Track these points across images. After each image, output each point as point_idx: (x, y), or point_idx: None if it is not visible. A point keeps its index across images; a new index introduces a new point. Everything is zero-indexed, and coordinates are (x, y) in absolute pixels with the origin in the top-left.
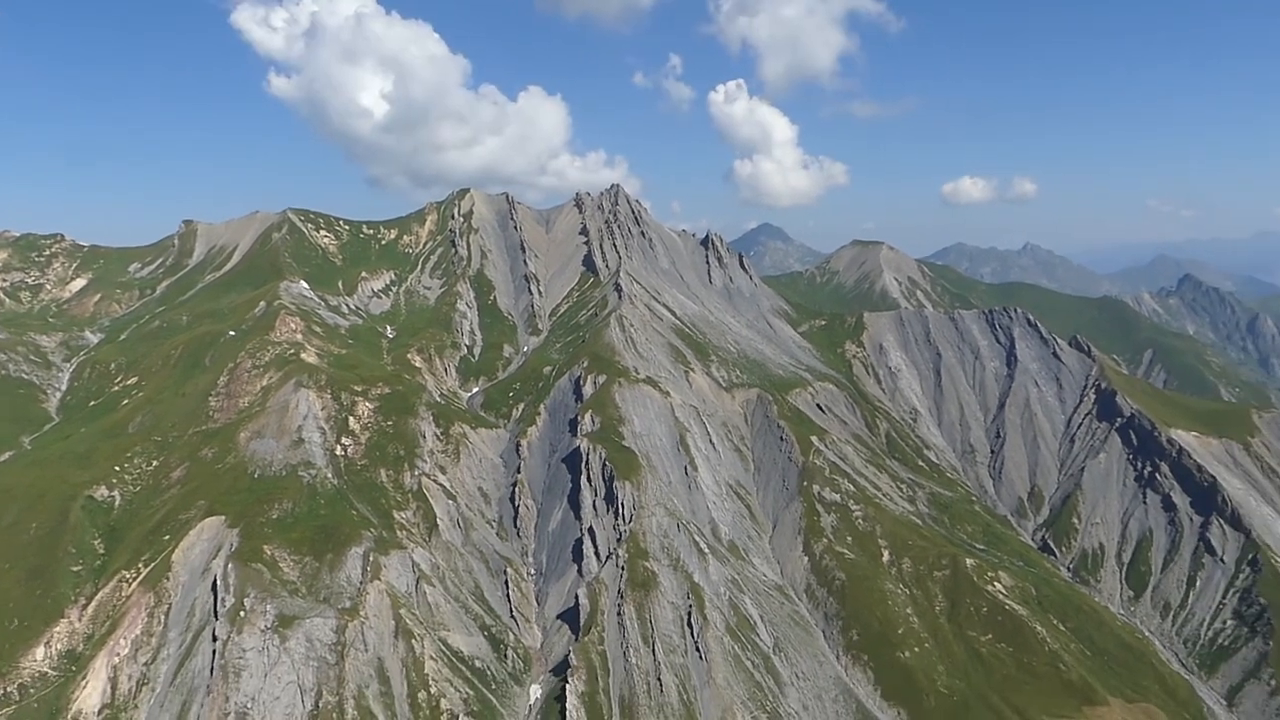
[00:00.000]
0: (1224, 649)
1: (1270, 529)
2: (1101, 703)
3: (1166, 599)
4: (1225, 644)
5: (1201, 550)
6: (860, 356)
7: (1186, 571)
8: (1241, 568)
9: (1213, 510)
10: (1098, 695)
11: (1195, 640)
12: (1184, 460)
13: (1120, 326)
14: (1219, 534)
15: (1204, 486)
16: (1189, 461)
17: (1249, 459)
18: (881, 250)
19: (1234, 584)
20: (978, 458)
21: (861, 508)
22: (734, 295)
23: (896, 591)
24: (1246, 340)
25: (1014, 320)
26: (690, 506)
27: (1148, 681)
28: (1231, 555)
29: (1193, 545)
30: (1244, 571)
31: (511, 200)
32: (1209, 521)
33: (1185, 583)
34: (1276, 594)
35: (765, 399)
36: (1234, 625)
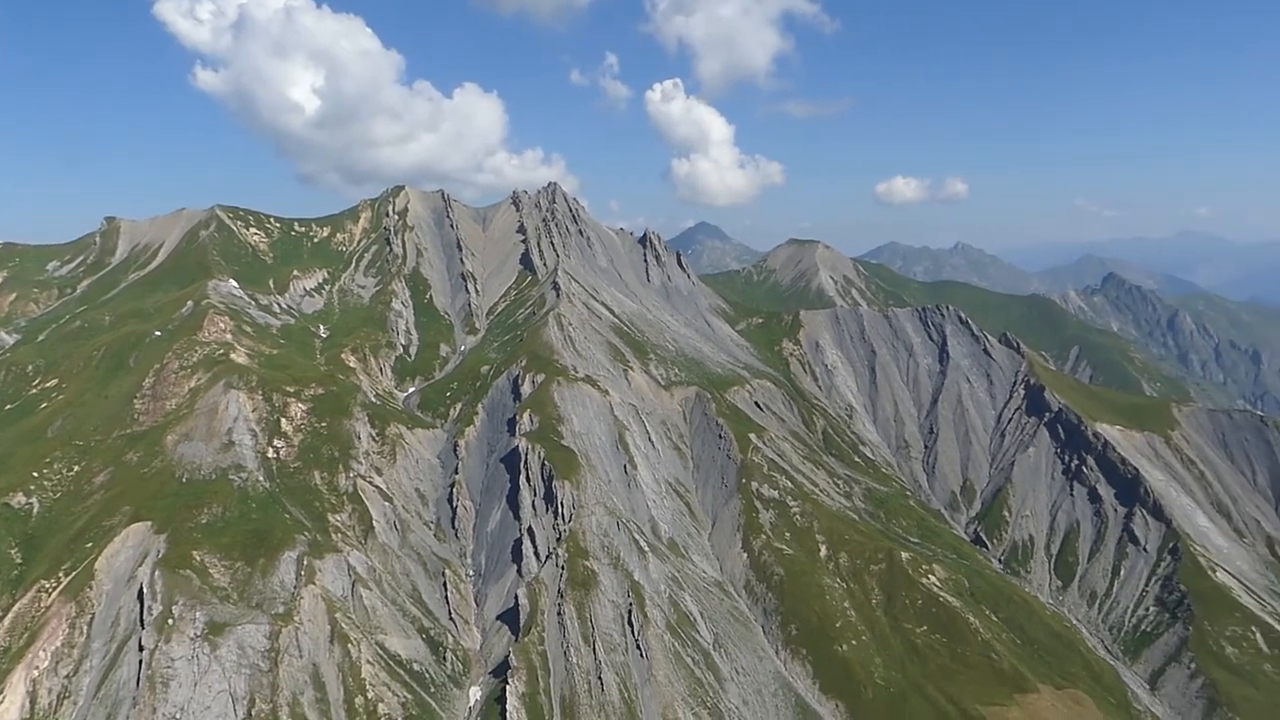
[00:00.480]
0: (1147, 635)
1: (1190, 519)
2: (1032, 690)
3: (1093, 588)
4: (1148, 630)
5: (1125, 540)
6: (797, 354)
7: (1111, 561)
8: (1163, 556)
9: (1136, 501)
10: (1028, 683)
11: (1120, 627)
12: (1109, 453)
13: (1048, 324)
14: (1142, 524)
15: (1128, 478)
16: (1114, 454)
17: (1169, 451)
18: (817, 249)
19: (1156, 572)
20: (912, 453)
21: (799, 504)
22: (672, 294)
23: (834, 586)
24: (1167, 337)
25: (946, 318)
26: (630, 505)
27: (1076, 668)
28: (1154, 544)
29: (1117, 535)
30: (1165, 560)
31: (448, 198)
32: (1132, 512)
33: (1110, 572)
34: (1195, 581)
35: (704, 397)
36: (1156, 612)
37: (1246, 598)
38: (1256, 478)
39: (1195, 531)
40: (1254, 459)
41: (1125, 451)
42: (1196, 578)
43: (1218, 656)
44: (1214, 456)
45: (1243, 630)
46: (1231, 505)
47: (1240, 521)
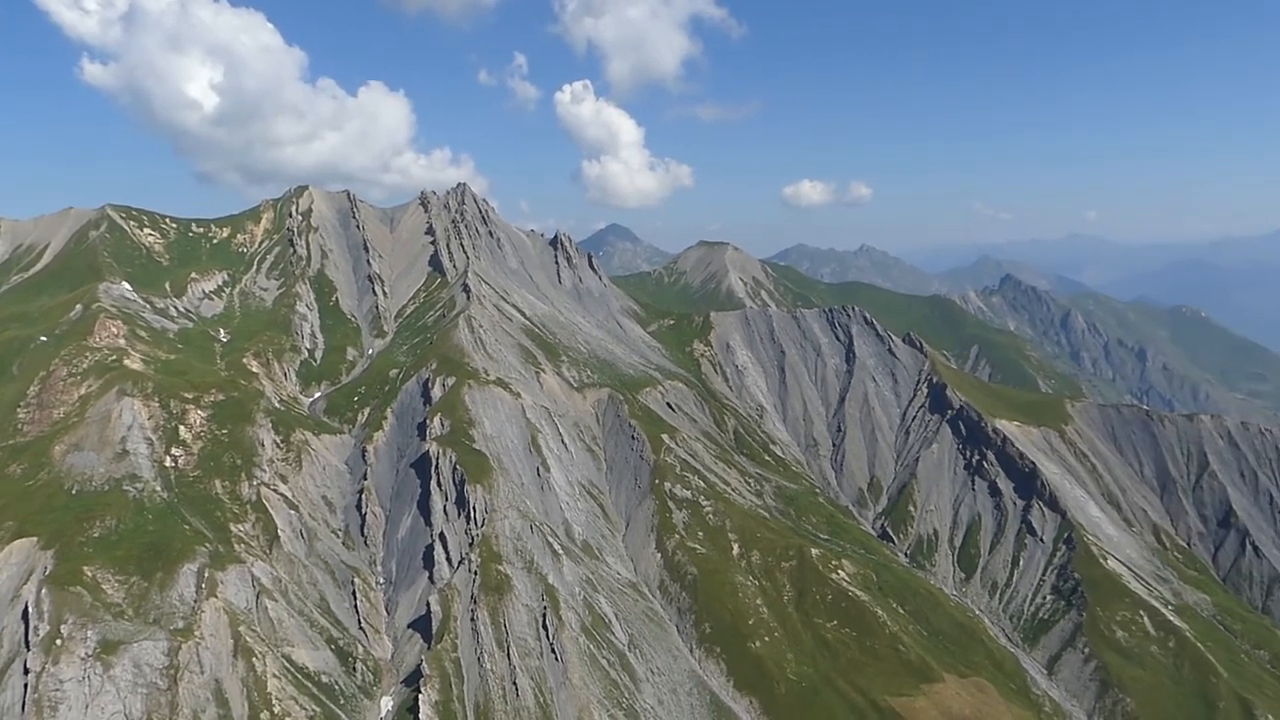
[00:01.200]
0: (1044, 622)
1: (1083, 510)
2: (938, 679)
3: (994, 578)
4: (1045, 617)
5: (1024, 532)
6: (708, 355)
7: (1011, 552)
8: (1058, 546)
9: (1033, 494)
10: (934, 673)
11: (1019, 616)
12: (1008, 448)
13: (949, 323)
14: (1039, 516)
15: (1025, 472)
16: (1012, 449)
17: (1064, 445)
18: (727, 251)
19: (1052, 561)
20: (821, 451)
21: (712, 503)
22: (584, 295)
23: (747, 583)
24: (1060, 335)
25: (852, 319)
26: (543, 508)
27: (979, 657)
28: (1050, 535)
29: (1016, 527)
30: (1061, 550)
31: (353, 198)
32: (1030, 505)
33: (1010, 562)
34: (1089, 569)
35: (616, 398)
36: (1053, 600)
37: (1135, 584)
38: (1143, 469)
39: (1088, 522)
40: (1141, 451)
41: (1023, 446)
42: (1089, 566)
43: (1109, 640)
44: (1105, 450)
45: (1132, 615)
46: (1121, 496)
47: (1129, 511)
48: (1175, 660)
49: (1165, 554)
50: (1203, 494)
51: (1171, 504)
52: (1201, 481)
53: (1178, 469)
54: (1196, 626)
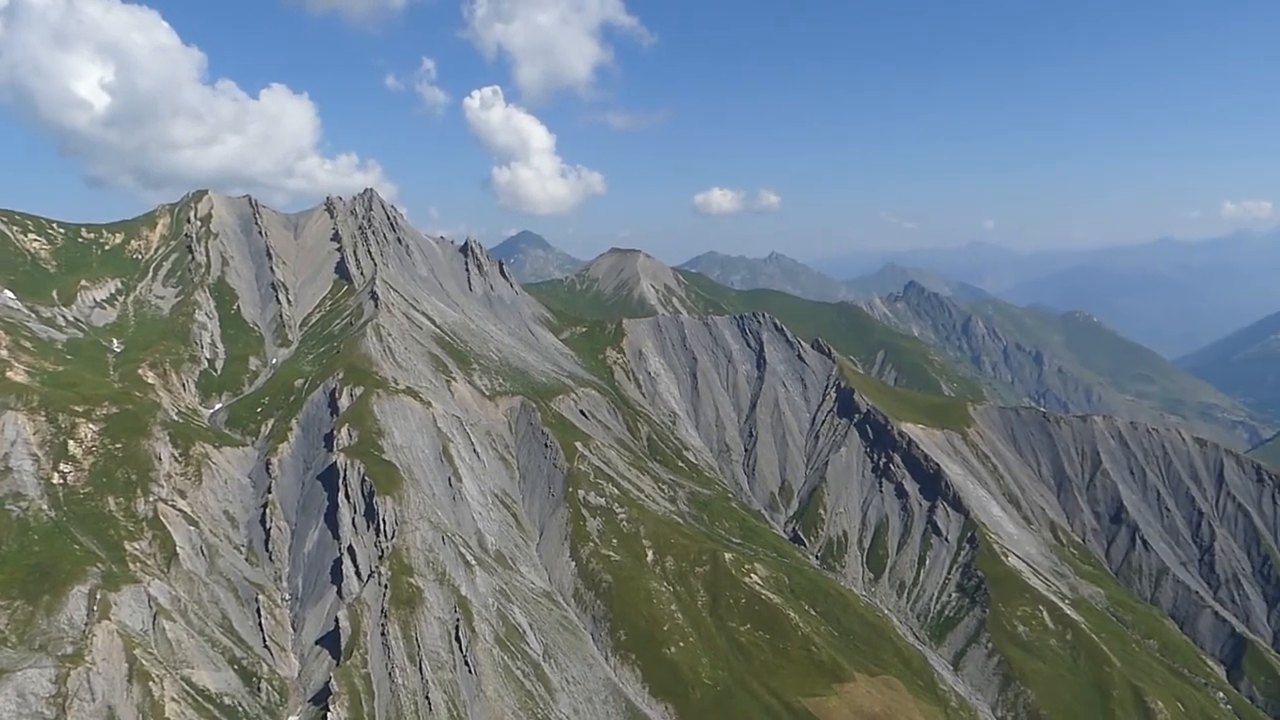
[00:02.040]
0: (950, 619)
1: (985, 509)
2: (849, 679)
3: (902, 578)
4: (951, 615)
5: (930, 532)
6: (621, 362)
7: (917, 552)
8: (962, 545)
9: (938, 495)
10: (845, 672)
11: (926, 614)
12: (913, 451)
13: (856, 329)
14: (944, 516)
15: (930, 474)
16: (917, 452)
17: (966, 447)
18: (639, 258)
19: (956, 560)
20: (733, 456)
21: (626, 510)
22: (495, 303)
23: (661, 589)
24: (962, 340)
25: (762, 325)
26: (455, 518)
27: (888, 655)
28: (954, 535)
29: (922, 528)
30: (964, 549)
31: (255, 203)
32: (935, 505)
33: (917, 562)
34: (991, 566)
35: (529, 406)
36: (958, 597)
37: (1034, 579)
38: (1041, 469)
39: (990, 520)
40: (1038, 452)
41: (928, 449)
42: (992, 563)
43: (1011, 635)
44: (1005, 451)
45: (1032, 610)
46: (1020, 495)
47: (1028, 510)
48: (1072, 652)
49: (1062, 550)
50: (1096, 492)
51: (1067, 502)
52: (1095, 480)
53: (1073, 468)
54: (1091, 619)
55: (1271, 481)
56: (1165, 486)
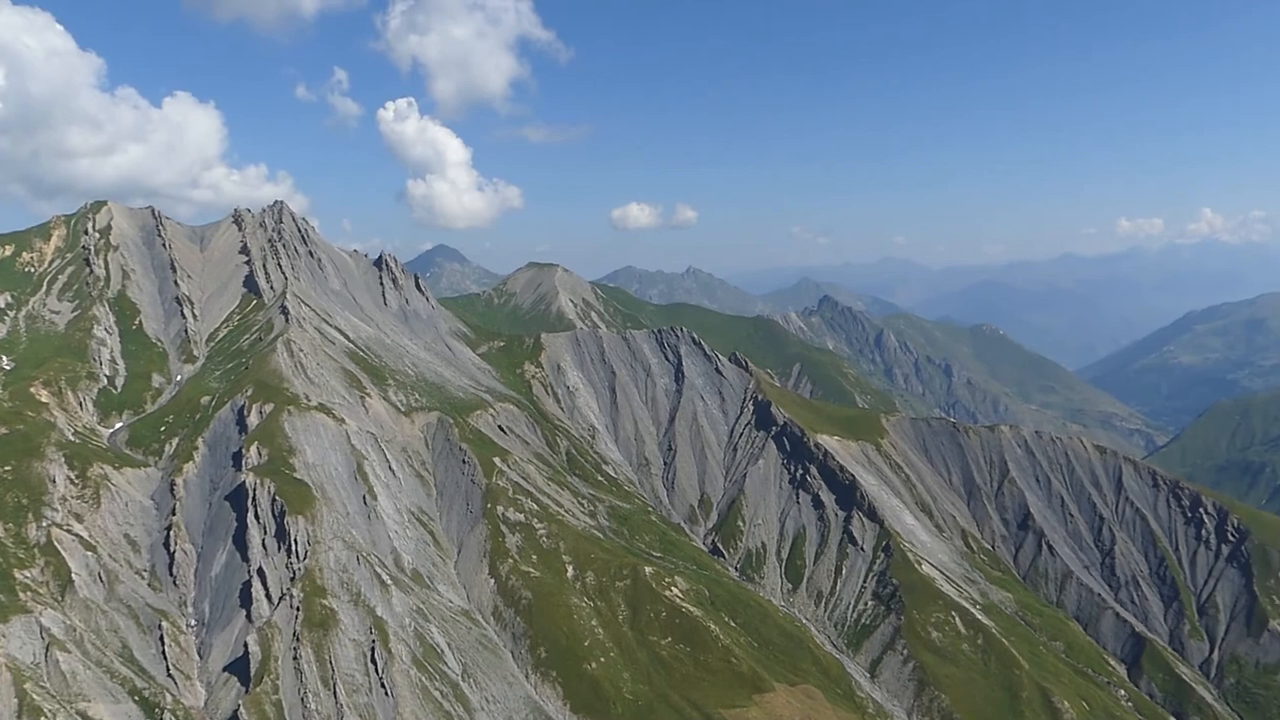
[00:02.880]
0: (866, 627)
1: (899, 518)
2: (769, 689)
3: (819, 588)
4: (867, 623)
5: (846, 541)
6: (539, 377)
7: (834, 561)
8: (878, 554)
9: (853, 505)
10: (765, 683)
11: (843, 622)
12: (829, 462)
13: (772, 343)
14: (859, 526)
15: (846, 484)
16: (833, 463)
17: (880, 458)
18: (557, 273)
19: (872, 569)
20: (652, 470)
21: (545, 525)
22: (410, 317)
23: (582, 605)
24: (875, 353)
25: (680, 339)
26: (371, 537)
27: (806, 665)
28: (869, 544)
29: (838, 538)
30: (880, 557)
31: (159, 215)
32: (851, 515)
33: (834, 571)
34: (905, 574)
35: (446, 422)
36: (873, 605)
37: (947, 586)
38: (952, 478)
39: (904, 529)
40: (949, 461)
41: (843, 460)
42: (906, 571)
43: (925, 641)
44: (917, 461)
45: (945, 616)
46: (932, 503)
47: (940, 518)
48: (984, 656)
49: (973, 556)
50: (1004, 499)
51: (977, 509)
52: (1003, 488)
53: (981, 477)
54: (1001, 623)
55: (1166, 487)
56: (1069, 493)
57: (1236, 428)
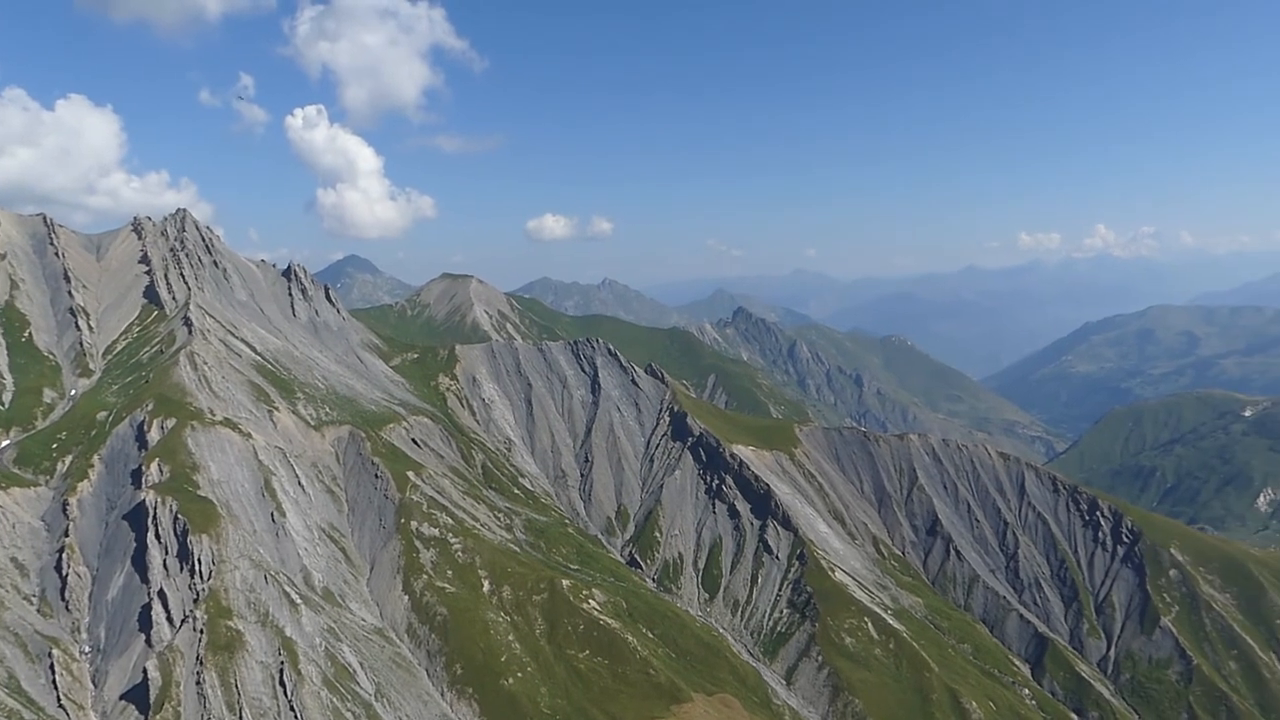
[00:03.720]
0: (782, 635)
1: (813, 526)
2: (687, 699)
3: (735, 597)
4: (783, 630)
5: (761, 550)
6: (454, 389)
7: (750, 570)
8: (792, 562)
9: (768, 514)
10: (683, 693)
11: (760, 630)
12: (744, 472)
13: (688, 354)
14: (774, 535)
15: (761, 494)
16: (748, 473)
17: (794, 467)
18: (471, 284)
19: (787, 577)
20: (569, 482)
21: (461, 540)
22: (321, 329)
23: (498, 620)
24: (788, 364)
25: (596, 350)
26: (279, 555)
27: (724, 674)
28: (784, 552)
29: (754, 546)
30: (794, 565)
31: (51, 222)
32: (766, 525)
33: (750, 580)
34: (819, 582)
35: (358, 436)
36: (789, 613)
37: (860, 592)
38: (863, 486)
39: (817, 537)
40: (860, 469)
41: (758, 469)
42: (820, 579)
43: (839, 647)
44: (829, 469)
45: (858, 622)
46: (845, 511)
47: (852, 526)
48: (895, 660)
49: (884, 563)
50: (913, 506)
51: (888, 516)
52: (912, 495)
53: (892, 484)
54: (912, 627)
55: (1066, 492)
56: (975, 499)
57: (1130, 434)
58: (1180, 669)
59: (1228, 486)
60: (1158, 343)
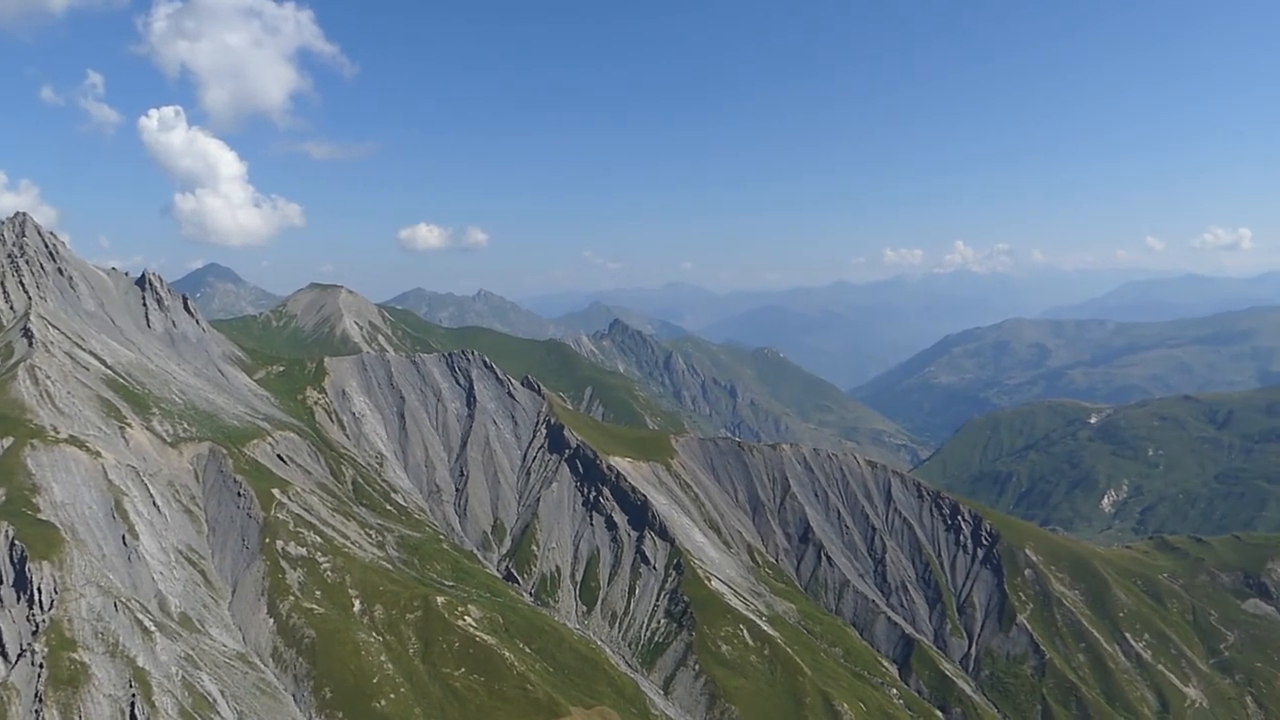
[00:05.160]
0: (660, 645)
1: (689, 536)
2: (564, 713)
3: (614, 608)
4: (660, 641)
5: (639, 561)
6: (323, 403)
7: (628, 581)
8: (669, 572)
9: (646, 525)
10: (561, 707)
11: (638, 641)
12: (621, 483)
13: (564, 366)
14: (651, 545)
15: (638, 505)
16: (625, 484)
17: (670, 477)
18: (341, 294)
19: (664, 587)
20: (444, 496)
21: (330, 559)
22: (178, 341)
23: (370, 640)
24: (664, 376)
25: (472, 362)
26: (131, 581)
27: (602, 686)
28: (661, 562)
29: (631, 558)
30: (671, 575)
31: None
32: (643, 535)
33: (627, 591)
34: (696, 591)
35: (219, 453)
36: (666, 623)
37: (735, 600)
38: (738, 495)
39: (693, 547)
40: (735, 479)
41: (635, 481)
42: (696, 588)
43: (715, 655)
44: (705, 479)
45: (734, 629)
46: (720, 520)
47: (728, 534)
48: (770, 666)
49: (758, 570)
50: (786, 514)
51: (761, 525)
52: (785, 503)
53: (765, 493)
54: (785, 633)
55: (929, 497)
56: (844, 506)
57: (988, 441)
58: (1035, 663)
59: (1076, 489)
60: (1012, 354)
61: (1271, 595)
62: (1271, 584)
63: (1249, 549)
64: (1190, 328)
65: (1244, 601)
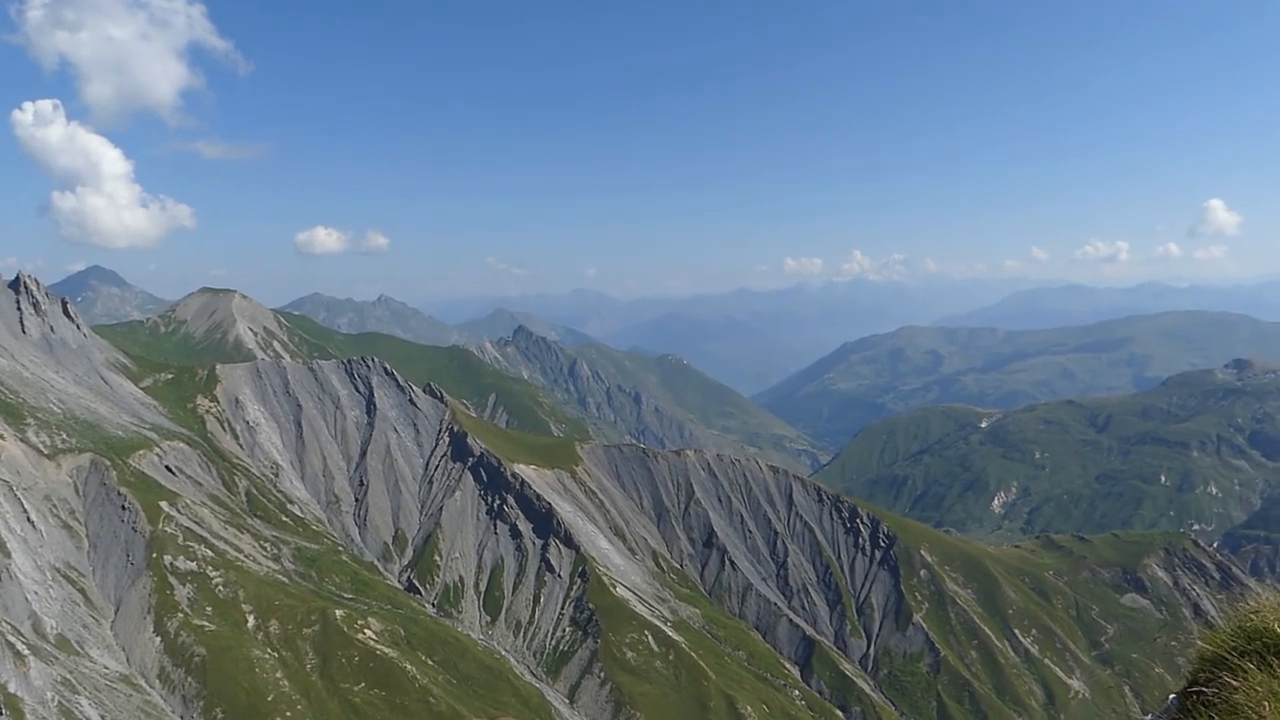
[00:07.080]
0: (565, 653)
1: (594, 543)
2: None
3: (518, 617)
4: (565, 649)
5: (544, 569)
6: (215, 411)
7: (533, 590)
8: (575, 580)
9: (550, 533)
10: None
11: (543, 650)
12: (526, 491)
13: (468, 373)
14: (556, 553)
15: (543, 513)
16: (530, 492)
17: (575, 485)
18: (234, 299)
19: (569, 595)
20: (343, 507)
21: (222, 573)
22: (56, 347)
23: (265, 657)
24: (569, 382)
25: (372, 369)
26: (2, 602)
27: (506, 697)
28: (566, 570)
29: (536, 566)
30: (577, 583)
31: None
32: (548, 543)
33: (532, 600)
34: (601, 598)
35: (101, 465)
36: (571, 631)
37: (640, 606)
38: (643, 501)
39: (599, 554)
40: (640, 485)
41: (540, 488)
42: (602, 595)
43: (621, 662)
44: (610, 486)
45: (639, 636)
46: (625, 527)
47: (633, 541)
48: (675, 671)
49: (663, 576)
50: (690, 519)
51: (666, 530)
52: (689, 508)
53: (670, 499)
54: (690, 638)
55: (829, 501)
56: (747, 510)
57: (885, 445)
58: (930, 661)
59: (968, 491)
60: (908, 361)
61: (1147, 589)
62: (1147, 579)
63: (1127, 546)
64: (1073, 335)
65: (1122, 596)
